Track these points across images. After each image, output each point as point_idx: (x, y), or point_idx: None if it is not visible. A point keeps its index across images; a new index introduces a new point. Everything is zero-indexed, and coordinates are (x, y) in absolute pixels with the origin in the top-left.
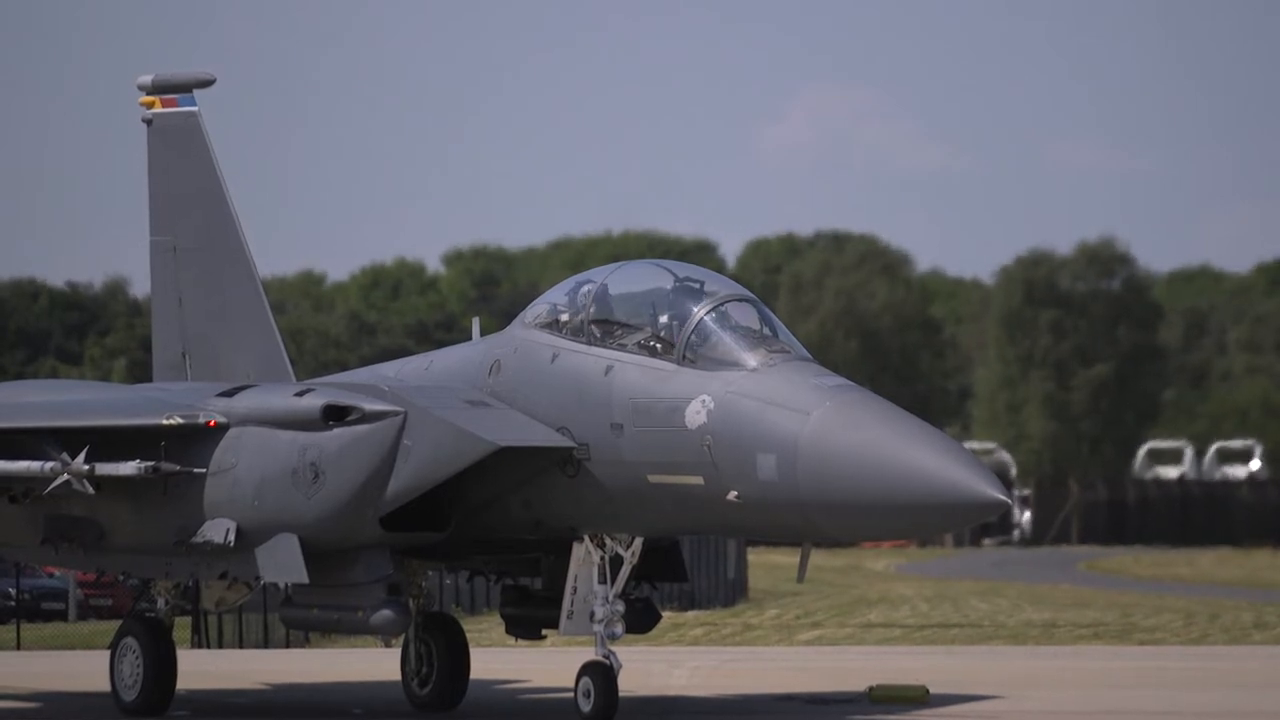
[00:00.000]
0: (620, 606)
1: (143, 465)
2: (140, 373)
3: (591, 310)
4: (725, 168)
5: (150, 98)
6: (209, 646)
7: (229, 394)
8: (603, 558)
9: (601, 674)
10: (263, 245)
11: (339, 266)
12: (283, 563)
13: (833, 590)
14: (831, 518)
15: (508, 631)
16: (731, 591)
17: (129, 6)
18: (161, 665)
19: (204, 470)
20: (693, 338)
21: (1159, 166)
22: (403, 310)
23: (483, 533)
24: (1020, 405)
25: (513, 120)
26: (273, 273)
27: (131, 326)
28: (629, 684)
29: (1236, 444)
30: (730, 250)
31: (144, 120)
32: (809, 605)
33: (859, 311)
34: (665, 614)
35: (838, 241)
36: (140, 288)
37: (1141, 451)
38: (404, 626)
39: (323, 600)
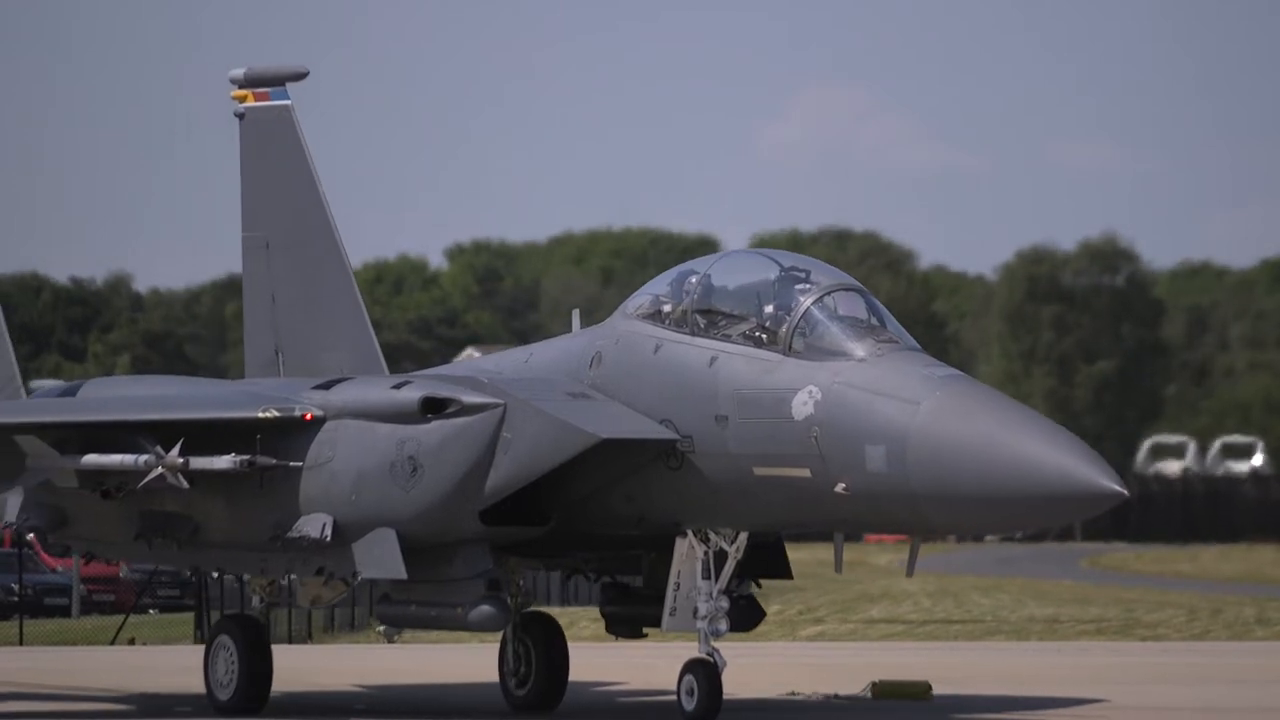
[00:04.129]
0: (725, 603)
1: (238, 459)
2: (143, 370)
3: (695, 300)
4: (728, 164)
5: (242, 92)
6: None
7: (325, 386)
8: (706, 553)
9: (705, 672)
10: None
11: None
12: (381, 559)
13: (835, 586)
14: (943, 510)
15: (608, 630)
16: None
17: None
18: (257, 663)
19: (300, 464)
20: (799, 328)
21: (1162, 163)
22: (405, 306)
23: (583, 528)
24: (1023, 401)
25: (515, 116)
26: None
27: (134, 322)
28: (631, 681)
29: (1239, 440)
30: (732, 246)
31: (236, 115)
32: (811, 601)
33: None
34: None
35: (841, 238)
36: (143, 283)
37: (1144, 447)
38: (504, 623)
39: (421, 597)
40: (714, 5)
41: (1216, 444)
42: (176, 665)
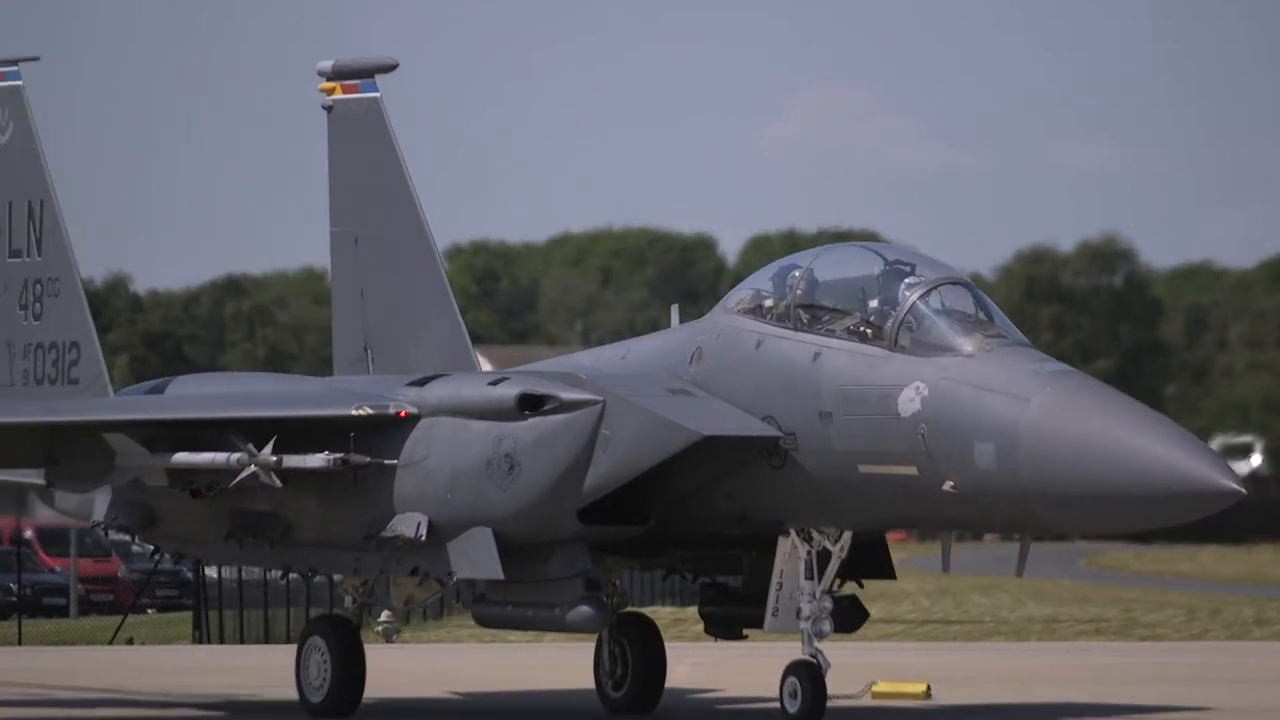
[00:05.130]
0: (828, 603)
1: (331, 457)
2: (142, 370)
3: (798, 295)
4: (726, 164)
5: (330, 84)
6: (209, 642)
7: (419, 383)
8: (810, 552)
9: (809, 673)
10: (263, 243)
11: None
12: (477, 558)
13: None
14: (1054, 509)
15: (706, 631)
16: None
17: None
18: (350, 665)
19: (394, 462)
20: (905, 322)
21: (1161, 163)
22: None
23: (683, 527)
24: None
25: (513, 116)
26: (275, 269)
27: (133, 322)
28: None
29: (1238, 440)
30: (731, 247)
31: (324, 107)
32: None
33: None
34: (667, 610)
35: (839, 239)
36: (141, 283)
37: None
38: (602, 624)
39: (517, 597)
40: (713, 5)
41: (1215, 444)
42: (176, 665)
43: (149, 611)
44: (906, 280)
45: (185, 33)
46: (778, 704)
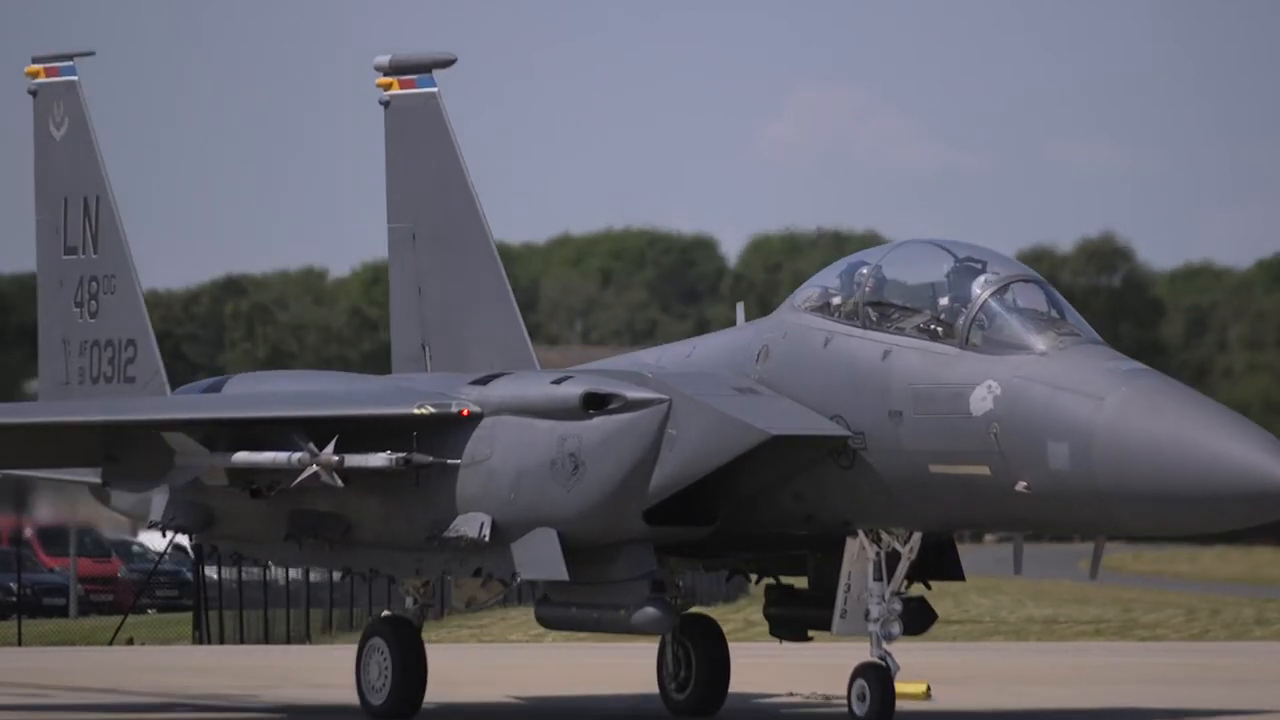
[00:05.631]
0: (897, 605)
1: (394, 457)
2: None
3: (867, 292)
4: (725, 164)
5: (388, 79)
6: (209, 642)
7: (482, 382)
8: (878, 553)
9: (877, 676)
10: (263, 242)
11: (340, 262)
12: (541, 559)
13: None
14: (1130, 510)
15: (771, 632)
16: (733, 588)
17: None
18: (411, 667)
19: (457, 462)
20: (977, 320)
21: (1160, 162)
22: None
23: (749, 528)
24: None
25: (512, 117)
26: (274, 268)
27: None
28: (631, 681)
29: None
30: (731, 247)
31: (381, 102)
32: None
33: None
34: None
35: (839, 239)
36: (141, 283)
37: None
38: (668, 626)
39: (582, 599)
40: (712, 5)
41: None
42: (176, 665)
43: (149, 612)
44: (978, 277)
45: (182, 28)
46: (845, 707)
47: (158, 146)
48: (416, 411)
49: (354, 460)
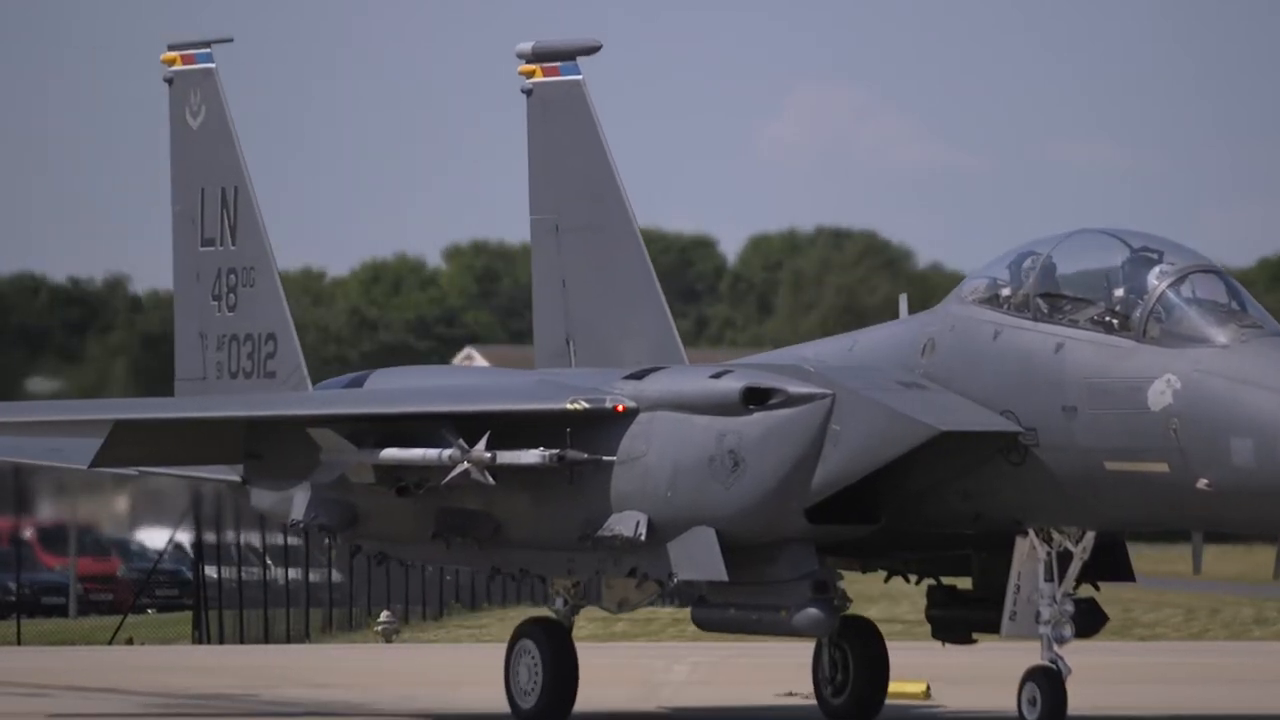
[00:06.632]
0: (1069, 607)
1: (547, 453)
2: (145, 374)
3: (1036, 284)
4: (724, 163)
5: (530, 66)
6: (209, 642)
7: (637, 376)
8: (1049, 553)
9: (1049, 679)
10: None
11: (339, 262)
12: (699, 559)
13: None
14: None
15: (934, 635)
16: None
17: None
18: (562, 670)
19: (612, 459)
20: (1154, 312)
21: (1160, 161)
22: (403, 306)
23: (912, 527)
24: None
25: (512, 116)
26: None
27: (132, 324)
28: (629, 681)
29: None
30: (731, 247)
31: (523, 91)
32: None
33: (860, 307)
34: (666, 610)
35: (838, 237)
36: (141, 284)
37: None
38: (830, 627)
39: (741, 599)
40: (711, 4)
41: None
42: (176, 664)
43: (149, 611)
44: (1155, 268)
45: (173, 25)
46: (1016, 713)
47: (153, 146)
48: (570, 407)
49: (506, 457)
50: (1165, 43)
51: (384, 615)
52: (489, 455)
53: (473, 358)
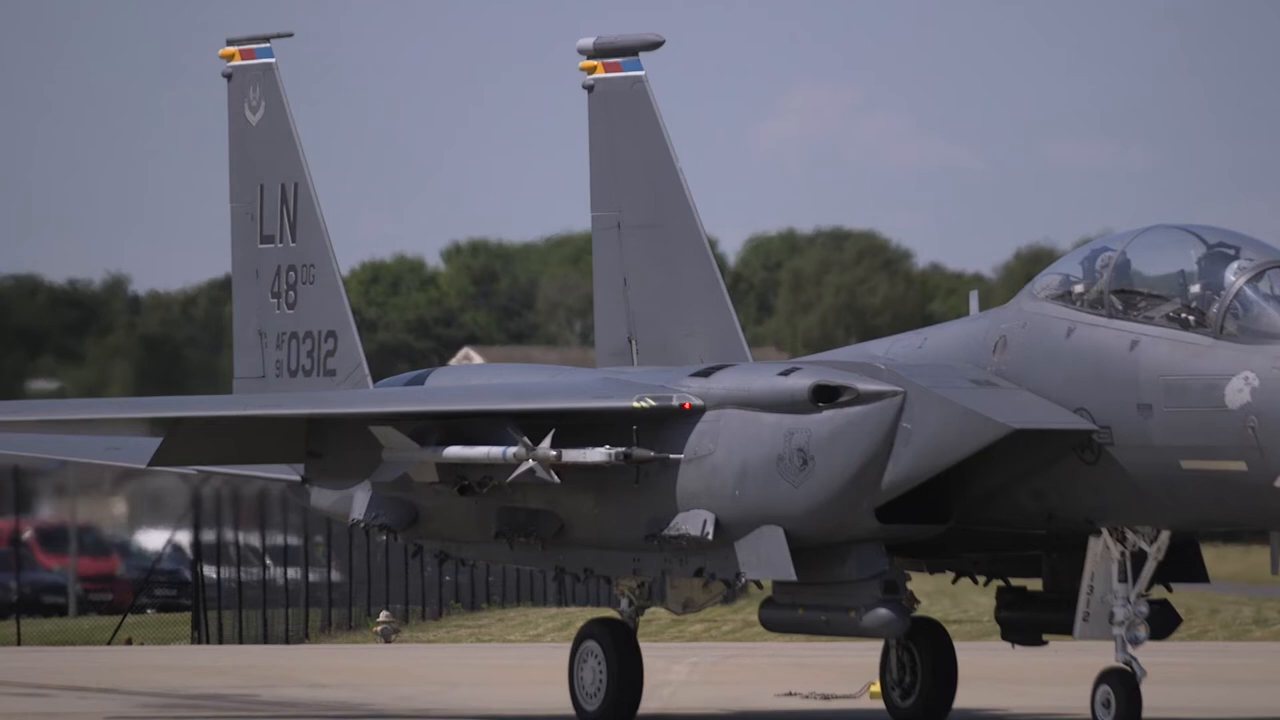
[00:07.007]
0: (1144, 608)
1: (613, 452)
2: (144, 376)
3: (1110, 280)
4: (723, 164)
5: (591, 62)
6: (208, 642)
7: (704, 374)
8: (1123, 553)
9: (1123, 681)
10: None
11: (339, 262)
12: (767, 558)
13: None
14: None
15: (1004, 637)
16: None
17: None
18: (627, 672)
19: (678, 457)
20: (1231, 308)
21: (1158, 162)
22: (402, 306)
23: (983, 526)
24: None
25: (511, 115)
26: None
27: (132, 325)
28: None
29: None
30: (730, 246)
31: (584, 87)
32: None
33: (859, 307)
34: (665, 609)
35: (837, 238)
36: (140, 284)
37: None
38: (902, 628)
39: (810, 600)
40: (710, 3)
41: None
42: (175, 664)
43: (148, 611)
44: (1231, 264)
45: (167, 27)
46: (1089, 715)
47: (152, 145)
48: (636, 405)
49: (571, 455)
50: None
51: (383, 615)
52: (554, 454)
53: (471, 358)
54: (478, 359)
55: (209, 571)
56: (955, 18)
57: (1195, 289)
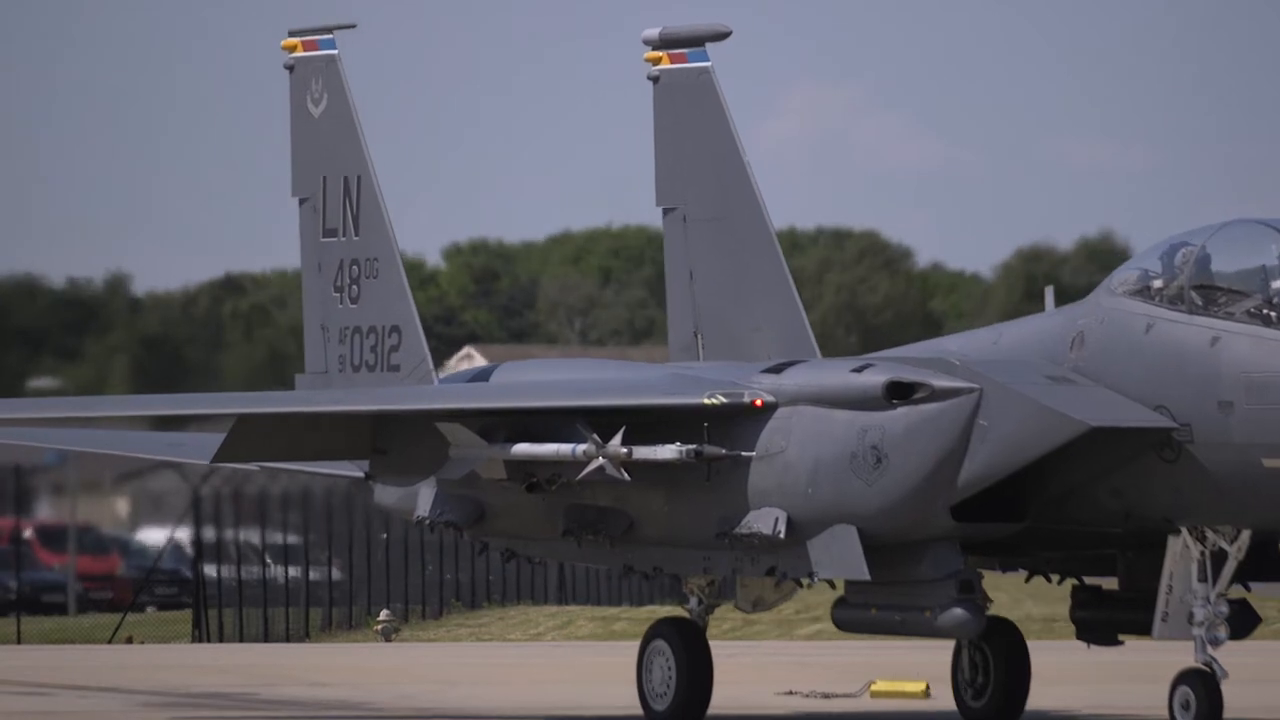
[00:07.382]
0: (1224, 608)
1: (684, 449)
2: (144, 375)
3: (1190, 276)
4: None
5: (656, 53)
6: (208, 640)
7: (775, 370)
8: (1203, 553)
9: (1203, 682)
10: (262, 242)
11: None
12: (840, 557)
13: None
14: None
15: (1079, 636)
16: (731, 586)
17: None
18: (697, 672)
19: (750, 454)
20: None
21: (1158, 161)
22: None
23: (1059, 525)
24: None
25: (511, 115)
26: (274, 268)
27: (132, 325)
28: (630, 680)
29: None
30: None
31: (649, 78)
32: (809, 600)
33: (860, 306)
34: (664, 609)
35: (838, 237)
36: (141, 284)
37: None
38: (977, 629)
39: (883, 599)
40: (711, 3)
41: None
42: (176, 663)
43: (148, 610)
44: None
45: (164, 25)
46: (1166, 716)
47: (153, 145)
48: (707, 402)
49: (642, 452)
50: (1165, 43)
51: (383, 614)
52: (625, 451)
53: (472, 356)
54: (479, 358)
55: (209, 570)
56: (955, 18)
57: (1277, 284)
